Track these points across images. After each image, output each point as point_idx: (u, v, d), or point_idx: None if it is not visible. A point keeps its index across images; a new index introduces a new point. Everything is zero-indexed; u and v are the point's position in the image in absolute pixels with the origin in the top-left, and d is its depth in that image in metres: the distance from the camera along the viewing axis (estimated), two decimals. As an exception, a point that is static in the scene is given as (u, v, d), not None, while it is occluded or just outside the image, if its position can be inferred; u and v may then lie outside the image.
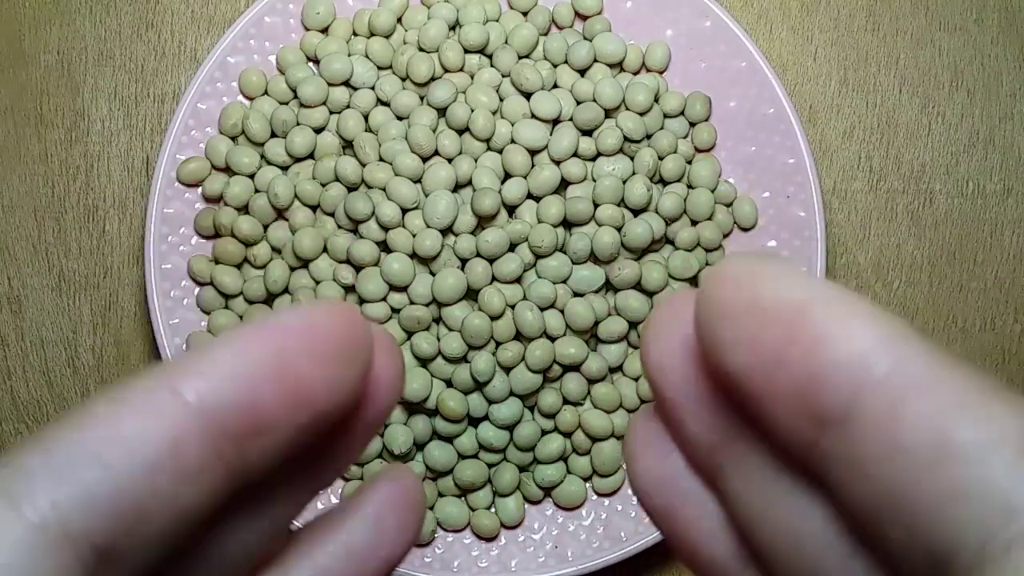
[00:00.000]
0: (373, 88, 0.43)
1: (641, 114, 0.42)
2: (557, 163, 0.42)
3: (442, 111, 0.42)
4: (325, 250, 0.41)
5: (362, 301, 0.41)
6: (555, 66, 0.43)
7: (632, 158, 0.42)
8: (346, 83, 0.43)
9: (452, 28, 0.43)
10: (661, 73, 0.44)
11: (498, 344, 0.41)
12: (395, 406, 0.14)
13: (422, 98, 0.42)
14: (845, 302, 0.13)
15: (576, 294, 0.41)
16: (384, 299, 0.41)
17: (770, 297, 0.13)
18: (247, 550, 0.15)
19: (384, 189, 0.41)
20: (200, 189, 0.42)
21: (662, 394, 0.15)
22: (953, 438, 0.12)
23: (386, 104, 0.42)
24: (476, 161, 0.42)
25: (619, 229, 0.41)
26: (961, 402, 0.12)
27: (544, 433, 0.42)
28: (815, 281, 0.13)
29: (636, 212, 0.42)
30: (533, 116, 0.42)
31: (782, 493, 0.14)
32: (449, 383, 0.41)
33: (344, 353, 0.14)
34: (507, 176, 0.42)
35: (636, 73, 0.44)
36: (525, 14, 0.44)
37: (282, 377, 0.14)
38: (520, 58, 0.43)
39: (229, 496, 0.14)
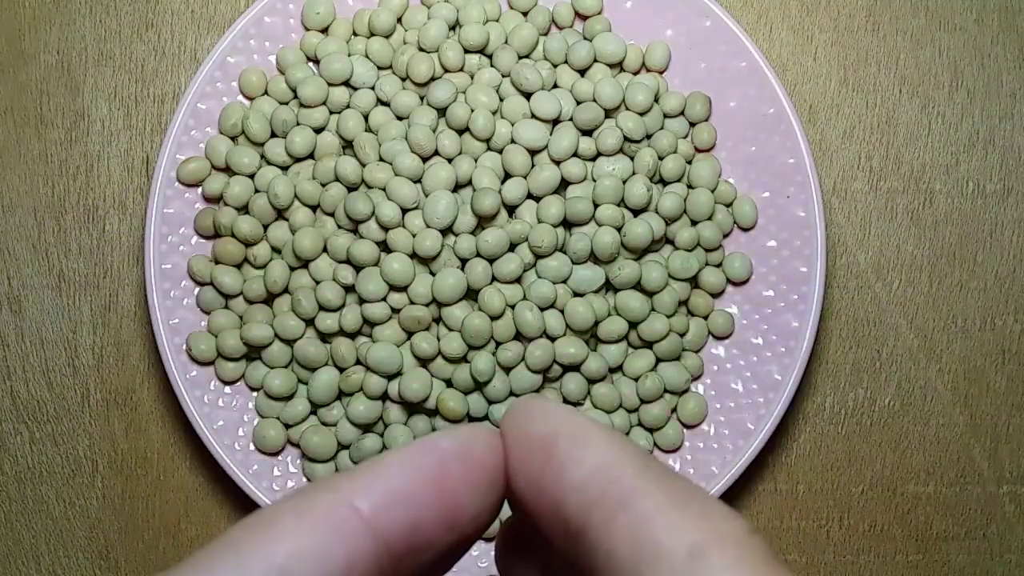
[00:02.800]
0: (373, 88, 0.43)
1: (641, 114, 0.42)
2: (557, 163, 0.42)
3: (442, 111, 0.42)
4: (325, 250, 0.41)
5: (362, 301, 0.41)
6: (555, 66, 0.43)
7: (632, 158, 0.42)
8: (346, 83, 0.43)
9: (452, 28, 0.43)
10: (661, 73, 0.44)
11: (498, 344, 0.41)
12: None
13: (422, 98, 0.42)
14: (584, 431, 0.15)
15: (576, 294, 0.41)
16: (384, 299, 0.41)
17: (533, 431, 0.16)
18: None
19: (384, 189, 0.41)
20: (200, 189, 0.42)
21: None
22: (646, 545, 0.14)
23: (386, 104, 0.42)
24: (476, 161, 0.42)
25: (619, 229, 0.41)
26: (656, 511, 0.14)
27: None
28: (569, 415, 0.16)
29: (636, 212, 0.42)
30: (533, 116, 0.42)
31: None
32: (449, 383, 0.41)
33: (493, 481, 0.16)
34: (507, 176, 0.42)
35: (636, 73, 0.44)
36: (525, 14, 0.44)
37: (442, 500, 0.15)
38: (520, 58, 0.43)
39: None
